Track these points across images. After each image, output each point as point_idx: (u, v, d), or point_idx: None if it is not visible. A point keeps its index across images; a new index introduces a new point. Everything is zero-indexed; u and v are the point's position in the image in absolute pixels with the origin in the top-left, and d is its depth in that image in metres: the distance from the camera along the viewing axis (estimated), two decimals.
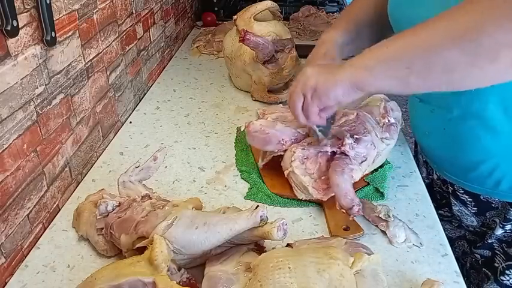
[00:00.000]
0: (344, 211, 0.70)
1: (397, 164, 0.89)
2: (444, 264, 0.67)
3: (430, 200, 0.80)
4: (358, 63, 0.62)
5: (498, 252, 0.81)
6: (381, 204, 0.76)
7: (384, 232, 0.72)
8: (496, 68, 0.53)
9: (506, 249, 0.80)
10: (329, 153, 0.76)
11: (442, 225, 0.75)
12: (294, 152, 0.77)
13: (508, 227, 0.78)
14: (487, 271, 0.83)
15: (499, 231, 0.79)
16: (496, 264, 0.81)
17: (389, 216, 0.72)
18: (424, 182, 0.86)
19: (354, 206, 0.69)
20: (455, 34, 0.53)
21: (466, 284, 0.64)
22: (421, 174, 0.89)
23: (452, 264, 0.67)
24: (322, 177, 0.76)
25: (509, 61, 0.52)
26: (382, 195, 0.80)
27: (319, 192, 0.75)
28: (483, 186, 0.77)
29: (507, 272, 0.80)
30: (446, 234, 0.73)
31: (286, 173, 0.78)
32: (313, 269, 0.54)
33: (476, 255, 0.84)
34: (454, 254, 0.70)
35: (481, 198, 0.79)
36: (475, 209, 0.81)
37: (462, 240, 0.90)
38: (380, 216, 0.72)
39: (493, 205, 0.78)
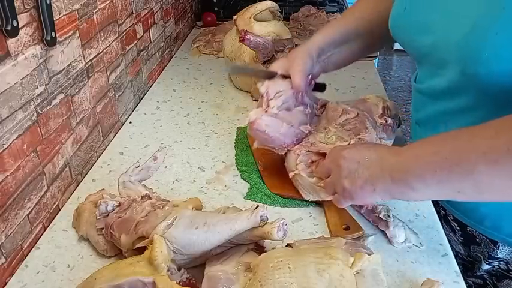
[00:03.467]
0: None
1: None
2: (444, 264, 0.67)
3: (430, 200, 0.80)
4: (403, 178, 0.56)
5: (489, 283, 0.81)
6: (381, 204, 0.76)
7: (384, 232, 0.72)
8: None
9: (495, 282, 0.80)
10: None
11: None
12: (298, 155, 0.77)
13: (494, 263, 0.78)
14: None
15: (485, 267, 0.79)
16: None
17: (389, 216, 0.72)
18: None
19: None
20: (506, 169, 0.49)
21: None
22: None
23: (452, 264, 0.67)
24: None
25: None
26: None
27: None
28: (469, 219, 0.76)
29: None
30: None
31: (291, 175, 0.78)
32: (313, 269, 0.54)
33: (469, 281, 0.84)
34: None
35: (468, 230, 0.78)
36: (462, 238, 0.81)
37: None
38: (380, 216, 0.72)
39: (477, 240, 0.77)
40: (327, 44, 0.85)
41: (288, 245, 0.63)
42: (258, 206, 0.62)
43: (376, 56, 1.46)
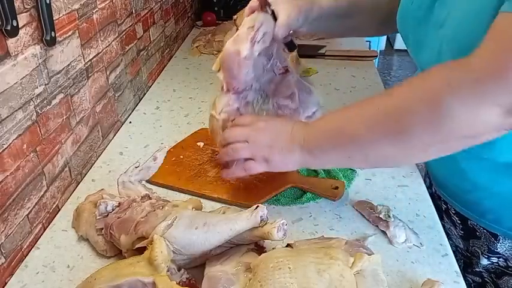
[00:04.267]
0: None
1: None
2: (444, 264, 0.67)
3: (430, 200, 0.80)
4: (308, 147, 0.65)
5: (488, 280, 0.82)
6: (381, 204, 0.76)
7: (384, 232, 0.72)
8: (427, 157, 0.62)
9: (495, 279, 0.80)
10: None
11: None
12: (230, 105, 0.77)
13: (494, 259, 0.78)
14: None
15: (484, 262, 0.79)
16: None
17: (389, 217, 0.72)
18: (428, 191, 0.85)
19: None
20: (388, 132, 0.58)
21: None
22: (425, 183, 0.87)
23: (452, 264, 0.67)
24: None
25: (437, 153, 0.59)
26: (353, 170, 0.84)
27: None
28: (472, 212, 0.77)
29: None
30: None
31: (212, 113, 0.79)
32: (313, 269, 0.54)
33: (468, 278, 0.84)
34: None
35: (469, 223, 0.79)
36: (462, 232, 0.82)
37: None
38: (380, 216, 0.72)
39: (477, 233, 0.78)
40: (328, 12, 0.82)
41: (288, 245, 0.63)
42: (258, 206, 0.62)
43: (376, 56, 1.46)
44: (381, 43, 3.90)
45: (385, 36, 4.23)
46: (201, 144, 0.94)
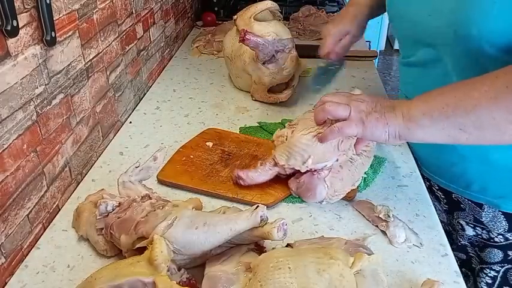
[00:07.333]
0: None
1: (397, 164, 0.89)
2: (444, 264, 0.67)
3: (430, 200, 0.80)
4: (412, 115, 0.63)
5: (473, 255, 0.85)
6: (381, 204, 0.76)
7: (384, 232, 0.72)
8: None
9: (479, 252, 0.83)
10: None
11: None
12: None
13: (478, 229, 0.81)
14: (467, 271, 0.88)
15: (470, 232, 0.82)
16: (473, 265, 0.86)
17: (389, 217, 0.72)
18: None
19: None
20: (507, 100, 0.56)
21: None
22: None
23: (452, 264, 0.67)
24: None
25: None
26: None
27: None
28: (456, 185, 0.81)
29: (480, 274, 0.84)
30: None
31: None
32: (313, 269, 0.54)
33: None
34: None
35: (453, 197, 0.82)
36: (446, 206, 0.86)
37: None
38: (380, 216, 0.72)
39: (462, 206, 0.81)
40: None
41: (288, 245, 0.63)
42: (258, 206, 0.62)
43: (376, 56, 1.46)
44: (380, 43, 3.90)
45: (385, 37, 4.23)
46: (210, 144, 0.93)
